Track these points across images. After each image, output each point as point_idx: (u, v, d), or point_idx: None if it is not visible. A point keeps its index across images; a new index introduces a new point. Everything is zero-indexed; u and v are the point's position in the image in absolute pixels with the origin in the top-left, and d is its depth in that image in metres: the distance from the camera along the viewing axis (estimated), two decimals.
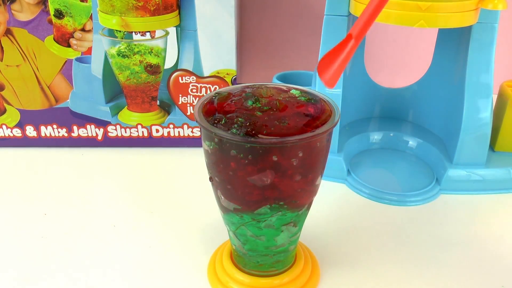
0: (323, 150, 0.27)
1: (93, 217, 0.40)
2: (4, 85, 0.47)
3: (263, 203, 0.26)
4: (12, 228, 0.38)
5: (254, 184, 0.25)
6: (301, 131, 0.24)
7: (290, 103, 0.27)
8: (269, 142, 0.24)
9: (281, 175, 0.25)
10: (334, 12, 0.42)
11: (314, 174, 0.27)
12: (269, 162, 0.25)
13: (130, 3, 0.43)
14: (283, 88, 0.29)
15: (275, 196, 0.26)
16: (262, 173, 0.25)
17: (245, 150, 0.24)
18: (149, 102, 0.49)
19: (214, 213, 0.40)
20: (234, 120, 0.25)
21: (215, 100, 0.27)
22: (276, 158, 0.24)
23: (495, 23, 0.40)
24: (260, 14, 0.64)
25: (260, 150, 0.24)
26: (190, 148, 0.51)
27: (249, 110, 0.26)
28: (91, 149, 0.50)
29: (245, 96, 0.27)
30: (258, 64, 0.67)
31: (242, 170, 0.25)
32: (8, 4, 0.44)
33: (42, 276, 0.33)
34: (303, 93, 0.28)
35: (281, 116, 0.25)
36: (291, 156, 0.25)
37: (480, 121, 0.42)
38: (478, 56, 0.41)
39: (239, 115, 0.25)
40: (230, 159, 0.25)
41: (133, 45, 0.46)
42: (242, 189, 0.26)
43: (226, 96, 0.28)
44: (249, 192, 0.26)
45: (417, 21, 0.35)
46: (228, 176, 0.26)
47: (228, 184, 0.27)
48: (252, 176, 0.25)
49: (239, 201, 0.27)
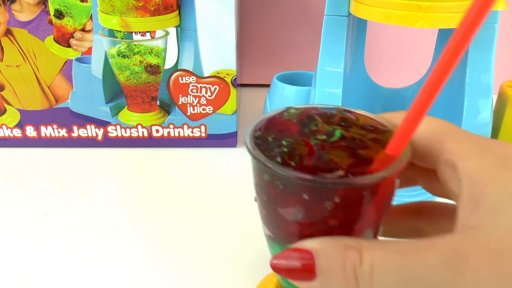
0: (374, 200, 0.22)
1: (93, 217, 0.40)
2: (4, 85, 0.47)
3: (291, 238, 0.23)
4: (12, 228, 0.38)
5: (284, 217, 0.23)
6: (348, 171, 0.20)
7: (352, 138, 0.22)
8: (296, 176, 0.20)
9: (312, 217, 0.22)
10: (334, 12, 0.42)
11: (357, 225, 0.22)
12: (299, 198, 0.21)
13: (130, 3, 0.43)
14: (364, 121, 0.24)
15: (307, 235, 0.22)
16: (291, 208, 0.22)
17: (276, 177, 0.21)
18: (149, 102, 0.49)
19: (214, 213, 0.41)
20: (279, 143, 0.22)
21: (283, 114, 0.24)
22: (307, 197, 0.21)
23: (495, 23, 0.40)
24: (260, 14, 0.64)
25: (292, 182, 0.21)
26: (190, 148, 0.51)
27: (303, 136, 0.22)
28: (91, 149, 0.50)
29: (307, 119, 0.23)
30: (258, 64, 0.67)
31: (274, 198, 0.22)
32: (8, 4, 0.44)
33: (42, 276, 0.33)
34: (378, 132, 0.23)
35: (332, 148, 0.21)
36: (324, 198, 0.21)
37: (480, 121, 0.42)
38: (478, 56, 0.41)
39: (287, 139, 0.22)
40: (265, 182, 0.22)
41: (133, 45, 0.46)
42: (274, 218, 0.24)
43: (295, 114, 0.24)
44: (280, 223, 0.23)
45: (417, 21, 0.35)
46: (263, 201, 0.24)
47: (263, 209, 0.24)
48: (282, 208, 0.23)
49: (271, 228, 0.25)
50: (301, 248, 0.21)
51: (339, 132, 0.22)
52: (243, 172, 0.47)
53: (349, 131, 0.23)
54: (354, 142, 0.22)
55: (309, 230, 0.22)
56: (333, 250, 0.20)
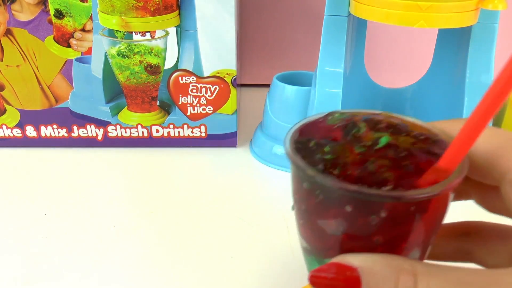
0: (424, 217, 0.20)
1: (93, 217, 0.40)
2: (4, 85, 0.47)
3: (330, 252, 0.21)
4: (12, 228, 0.38)
5: (323, 229, 0.21)
6: (396, 183, 0.18)
7: (401, 147, 0.20)
8: (339, 186, 0.18)
9: (354, 231, 0.20)
10: (334, 12, 0.42)
11: (403, 244, 0.20)
12: (341, 211, 0.19)
13: (130, 3, 0.43)
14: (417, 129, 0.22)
15: (347, 250, 0.20)
16: (332, 220, 0.20)
17: (317, 186, 0.20)
18: (149, 102, 0.49)
19: (214, 213, 0.40)
20: (321, 149, 0.20)
21: (327, 119, 0.23)
22: (349, 209, 0.19)
23: (495, 23, 0.40)
24: (260, 14, 0.64)
25: (334, 193, 0.19)
26: (190, 148, 0.51)
27: (347, 142, 0.21)
28: (91, 149, 0.50)
29: (351, 124, 0.22)
30: (258, 64, 0.67)
31: (313, 208, 0.21)
32: (8, 4, 0.44)
33: (42, 276, 0.33)
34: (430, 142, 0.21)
35: (379, 158, 0.19)
36: (369, 212, 0.19)
37: None
38: (478, 56, 0.41)
39: (330, 146, 0.20)
40: (304, 190, 0.21)
41: (133, 45, 0.46)
42: (312, 229, 0.22)
43: (339, 119, 0.22)
44: (318, 236, 0.21)
45: (417, 21, 0.35)
46: (301, 211, 0.22)
47: (300, 219, 0.22)
48: (321, 219, 0.21)
49: (308, 240, 0.23)
50: (345, 264, 0.19)
51: (385, 139, 0.20)
52: (243, 172, 0.47)
53: (398, 139, 0.21)
54: (403, 151, 0.20)
55: (350, 245, 0.20)
56: (383, 270, 0.18)
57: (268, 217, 0.40)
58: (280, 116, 0.48)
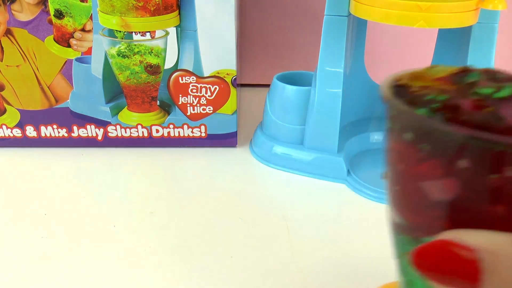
0: None
1: (93, 217, 0.40)
2: (4, 85, 0.47)
3: (431, 229, 0.17)
4: (12, 228, 0.38)
5: (426, 195, 0.17)
6: None
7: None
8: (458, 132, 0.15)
9: (468, 196, 0.16)
10: (334, 12, 0.42)
11: None
12: (454, 167, 0.15)
13: (130, 3, 0.43)
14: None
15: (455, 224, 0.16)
16: (439, 181, 0.16)
17: (424, 135, 0.16)
18: (149, 102, 0.49)
19: (214, 213, 0.41)
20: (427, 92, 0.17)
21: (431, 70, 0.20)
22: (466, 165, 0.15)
23: (495, 23, 0.40)
24: (260, 14, 0.64)
25: (448, 142, 0.15)
26: (190, 148, 0.51)
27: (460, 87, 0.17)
28: (91, 149, 0.50)
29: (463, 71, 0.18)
30: (258, 64, 0.67)
31: (416, 167, 0.17)
32: (8, 4, 0.44)
33: (42, 277, 0.33)
34: None
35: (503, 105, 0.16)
36: (491, 169, 0.15)
37: None
38: (478, 56, 0.41)
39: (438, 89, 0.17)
40: (404, 145, 0.17)
41: (133, 45, 0.46)
42: (411, 196, 0.18)
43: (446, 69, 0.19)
44: (418, 205, 0.17)
45: (417, 21, 0.35)
46: (398, 173, 0.18)
47: (397, 184, 0.18)
48: (426, 181, 0.17)
49: (404, 212, 0.19)
50: (458, 243, 0.15)
51: (510, 89, 0.16)
52: (243, 172, 0.47)
53: None
54: None
55: (460, 217, 0.16)
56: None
57: (268, 217, 0.40)
58: (280, 116, 0.48)
